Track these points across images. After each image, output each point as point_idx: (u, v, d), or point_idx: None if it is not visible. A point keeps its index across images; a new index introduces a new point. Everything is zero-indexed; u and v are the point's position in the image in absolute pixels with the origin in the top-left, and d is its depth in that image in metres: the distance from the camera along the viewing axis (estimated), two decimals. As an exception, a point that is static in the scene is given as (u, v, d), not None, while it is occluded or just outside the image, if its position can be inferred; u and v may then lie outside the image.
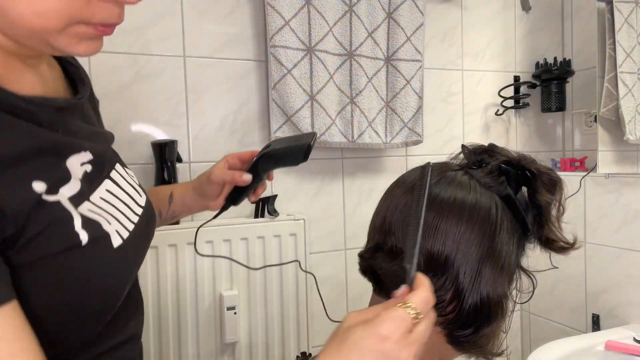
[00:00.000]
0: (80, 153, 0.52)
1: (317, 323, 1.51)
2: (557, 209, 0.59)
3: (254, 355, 1.37)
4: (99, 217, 0.52)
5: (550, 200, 0.58)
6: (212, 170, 0.83)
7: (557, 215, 0.59)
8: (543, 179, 0.58)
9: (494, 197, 0.57)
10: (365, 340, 0.42)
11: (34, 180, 0.45)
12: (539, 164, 0.60)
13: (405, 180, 0.61)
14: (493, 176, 0.59)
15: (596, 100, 1.52)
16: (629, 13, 1.47)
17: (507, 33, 1.79)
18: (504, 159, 0.60)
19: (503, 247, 0.56)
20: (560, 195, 0.59)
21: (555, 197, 0.59)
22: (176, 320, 1.28)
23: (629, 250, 1.45)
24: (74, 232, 0.48)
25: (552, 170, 0.60)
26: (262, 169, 0.81)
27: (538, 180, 0.59)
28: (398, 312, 0.43)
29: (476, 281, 0.54)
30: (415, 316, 0.44)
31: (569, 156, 1.79)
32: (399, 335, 0.42)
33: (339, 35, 1.43)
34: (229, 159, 0.84)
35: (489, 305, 0.55)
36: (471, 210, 0.55)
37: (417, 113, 1.54)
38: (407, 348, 0.42)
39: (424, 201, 0.51)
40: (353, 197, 1.57)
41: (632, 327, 1.39)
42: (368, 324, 0.43)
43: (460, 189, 0.56)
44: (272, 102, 1.37)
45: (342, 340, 0.43)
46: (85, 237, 0.48)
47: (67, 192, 0.48)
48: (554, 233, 0.59)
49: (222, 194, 0.84)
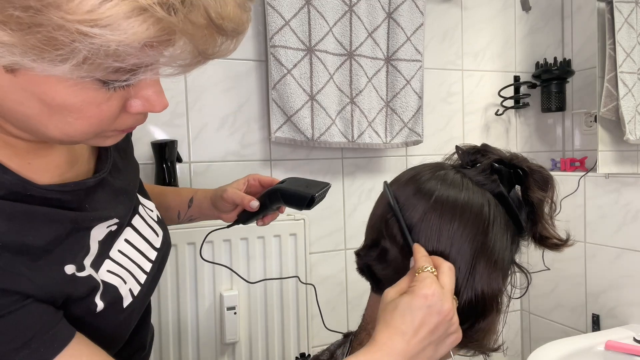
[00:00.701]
0: (107, 221, 0.57)
1: (317, 323, 1.51)
2: (549, 207, 0.61)
3: (254, 355, 1.37)
4: (117, 278, 0.57)
5: (542, 198, 0.60)
6: (228, 187, 0.83)
7: (549, 212, 0.61)
8: (535, 176, 0.60)
9: (486, 195, 0.58)
10: (413, 302, 0.50)
11: (66, 265, 0.50)
12: (530, 162, 0.61)
13: (399, 179, 0.63)
14: (486, 174, 0.60)
15: (596, 100, 1.52)
16: (629, 13, 1.47)
17: (507, 33, 1.79)
18: (496, 158, 0.61)
19: (496, 243, 0.57)
20: (552, 193, 0.61)
21: (547, 195, 0.60)
22: (176, 320, 1.28)
23: (629, 250, 1.45)
24: (92, 302, 0.53)
25: (544, 168, 0.61)
26: (271, 202, 0.81)
27: (530, 178, 0.60)
28: (422, 274, 0.52)
29: (471, 276, 0.55)
30: (434, 271, 0.52)
31: (569, 156, 1.79)
32: (436, 289, 0.51)
33: (339, 35, 1.43)
34: (250, 179, 0.84)
35: (484, 300, 0.56)
36: (464, 207, 0.56)
37: (417, 113, 1.54)
38: (446, 299, 0.51)
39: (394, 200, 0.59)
40: (353, 197, 1.57)
41: (632, 327, 1.39)
42: (409, 292, 0.52)
43: (453, 187, 0.58)
44: (272, 102, 1.37)
45: (392, 310, 0.52)
46: (101, 306, 0.54)
47: (88, 261, 0.53)
48: (547, 230, 0.61)
49: (235, 211, 0.85)
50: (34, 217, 0.48)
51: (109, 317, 0.56)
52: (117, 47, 0.34)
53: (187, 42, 0.38)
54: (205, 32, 0.38)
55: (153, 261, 0.65)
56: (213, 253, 1.31)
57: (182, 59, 0.39)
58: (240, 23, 0.41)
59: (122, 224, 0.60)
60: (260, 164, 1.45)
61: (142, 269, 0.62)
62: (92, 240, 0.55)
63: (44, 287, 0.47)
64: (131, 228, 0.63)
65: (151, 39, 0.35)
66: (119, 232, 0.59)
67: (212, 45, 0.40)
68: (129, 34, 0.34)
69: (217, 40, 0.40)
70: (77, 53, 0.34)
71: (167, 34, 0.36)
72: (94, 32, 0.33)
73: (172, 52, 0.38)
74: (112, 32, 0.33)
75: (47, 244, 0.48)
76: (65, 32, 0.33)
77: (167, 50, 0.38)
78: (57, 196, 0.50)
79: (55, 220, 0.50)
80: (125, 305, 0.58)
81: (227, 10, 0.39)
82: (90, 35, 0.33)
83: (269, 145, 1.45)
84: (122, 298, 0.57)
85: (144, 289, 0.62)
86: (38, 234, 0.47)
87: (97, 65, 0.36)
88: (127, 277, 0.59)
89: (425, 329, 0.50)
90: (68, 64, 0.35)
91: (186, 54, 0.39)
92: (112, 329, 0.57)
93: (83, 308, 0.52)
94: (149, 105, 0.45)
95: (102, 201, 0.57)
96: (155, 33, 0.35)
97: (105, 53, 0.35)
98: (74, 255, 0.51)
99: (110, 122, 0.44)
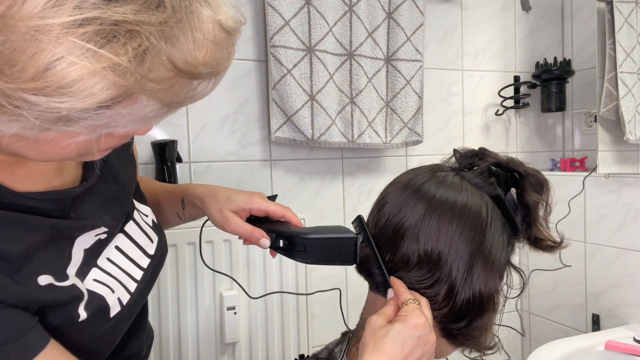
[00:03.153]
0: (93, 230, 0.55)
1: (317, 323, 1.51)
2: (544, 209, 0.62)
3: (254, 355, 1.37)
4: (104, 287, 0.55)
5: (537, 200, 0.61)
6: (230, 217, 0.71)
7: (544, 215, 0.63)
8: (530, 180, 0.62)
9: (484, 197, 0.60)
10: (404, 331, 0.52)
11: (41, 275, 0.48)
12: (526, 166, 0.63)
13: (398, 181, 0.64)
14: (483, 177, 0.62)
15: (596, 100, 1.52)
16: (629, 13, 1.47)
17: (507, 33, 1.79)
18: (493, 161, 0.63)
19: (494, 244, 0.58)
20: (547, 196, 0.62)
21: (543, 197, 0.62)
22: (176, 320, 1.28)
23: (629, 250, 1.45)
24: (75, 311, 0.51)
25: (539, 172, 0.63)
26: (287, 251, 0.70)
27: (526, 181, 0.62)
28: (411, 306, 0.54)
29: (468, 277, 0.57)
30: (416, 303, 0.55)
31: (569, 156, 1.79)
32: (424, 321, 0.53)
33: (339, 35, 1.43)
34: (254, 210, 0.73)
35: (481, 299, 0.57)
36: (463, 209, 0.58)
37: (417, 113, 1.54)
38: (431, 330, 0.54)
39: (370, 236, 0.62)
40: (353, 197, 1.57)
41: (632, 327, 1.39)
42: (401, 320, 0.53)
43: (452, 189, 0.59)
44: (272, 102, 1.37)
45: (383, 336, 0.53)
46: (84, 316, 0.52)
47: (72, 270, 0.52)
48: (541, 232, 0.62)
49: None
50: (10, 223, 0.47)
51: (93, 326, 0.54)
52: (67, 112, 0.32)
53: (149, 98, 0.35)
54: (173, 83, 0.35)
55: (145, 269, 0.63)
56: (213, 253, 1.31)
57: (146, 113, 0.36)
58: (218, 64, 0.38)
59: (111, 233, 0.58)
60: (260, 164, 1.45)
61: (133, 277, 0.61)
62: (77, 249, 0.53)
63: (17, 294, 0.46)
64: (123, 235, 0.61)
65: (105, 102, 0.33)
66: (108, 240, 0.58)
67: (183, 92, 0.37)
68: (79, 100, 0.32)
69: (192, 84, 0.37)
70: (25, 118, 0.32)
71: (124, 95, 0.33)
72: (38, 100, 0.31)
73: (133, 108, 0.35)
74: (59, 98, 0.31)
75: (24, 251, 0.47)
76: (8, 98, 0.31)
77: (126, 108, 0.35)
78: (38, 204, 0.49)
79: (34, 228, 0.48)
80: (112, 314, 0.56)
81: (201, 54, 0.35)
82: (35, 102, 0.31)
83: (269, 145, 1.45)
84: (109, 307, 0.56)
85: (134, 297, 0.60)
86: (15, 241, 0.46)
87: (47, 128, 0.34)
88: (116, 286, 0.57)
89: (413, 357, 0.52)
90: (17, 125, 0.33)
91: (151, 107, 0.36)
92: (97, 338, 0.56)
93: (63, 317, 0.51)
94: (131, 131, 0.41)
95: (90, 209, 0.55)
96: (108, 96, 0.32)
97: (55, 118, 0.33)
98: (52, 264, 0.50)
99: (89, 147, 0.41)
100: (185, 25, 0.34)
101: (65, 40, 0.30)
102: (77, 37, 0.30)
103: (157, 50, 0.33)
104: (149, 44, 0.32)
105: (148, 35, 0.32)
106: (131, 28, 0.31)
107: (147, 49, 0.32)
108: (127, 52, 0.31)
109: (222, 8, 0.37)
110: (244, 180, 1.42)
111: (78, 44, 0.30)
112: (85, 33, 0.30)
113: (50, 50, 0.30)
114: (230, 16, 0.38)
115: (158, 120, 0.39)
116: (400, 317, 0.54)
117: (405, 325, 0.52)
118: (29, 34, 0.29)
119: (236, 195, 0.73)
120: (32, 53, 0.30)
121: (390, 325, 0.53)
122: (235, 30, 0.38)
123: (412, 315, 0.53)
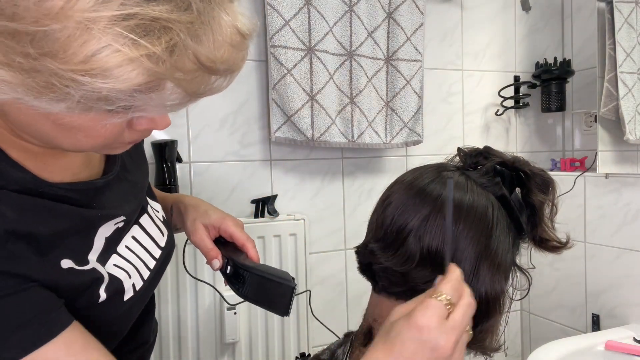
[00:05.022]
0: (114, 219, 0.59)
1: (317, 323, 1.51)
2: (550, 209, 0.62)
3: (254, 355, 1.37)
4: (122, 272, 0.60)
5: (543, 200, 0.60)
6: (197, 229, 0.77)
7: (550, 215, 0.62)
8: (536, 179, 0.61)
9: (490, 197, 0.59)
10: (405, 332, 0.45)
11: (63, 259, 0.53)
12: (532, 165, 0.62)
13: (404, 179, 0.63)
14: (488, 177, 0.61)
15: (596, 100, 1.52)
16: (629, 13, 1.47)
17: (507, 33, 1.79)
18: (498, 161, 0.62)
19: (499, 245, 0.57)
20: (553, 196, 0.61)
21: (548, 197, 0.61)
22: (176, 319, 1.28)
23: (629, 250, 1.45)
24: (97, 292, 0.56)
25: (545, 172, 0.62)
26: (231, 276, 0.71)
27: (531, 181, 0.61)
28: (431, 302, 0.46)
29: (475, 278, 0.56)
30: (448, 303, 0.46)
31: (569, 156, 1.79)
32: (434, 323, 0.45)
33: (339, 35, 1.43)
34: (222, 231, 0.77)
35: (487, 301, 0.56)
36: (469, 209, 0.57)
37: (417, 113, 1.54)
38: (445, 335, 0.45)
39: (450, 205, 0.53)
40: (353, 197, 1.57)
41: (632, 327, 1.39)
42: (406, 317, 0.46)
43: (458, 189, 0.58)
44: (272, 102, 1.37)
45: (386, 333, 0.47)
46: (104, 297, 0.57)
47: (94, 256, 0.56)
48: (547, 233, 0.61)
49: None
50: (43, 210, 0.51)
51: (111, 309, 0.58)
52: (108, 93, 0.37)
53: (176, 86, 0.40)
54: (195, 75, 0.40)
55: (157, 259, 0.67)
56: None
57: (171, 100, 0.42)
58: (234, 63, 0.43)
59: (129, 222, 0.63)
60: (260, 164, 1.45)
61: (147, 265, 0.65)
62: (99, 237, 0.58)
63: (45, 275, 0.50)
64: (138, 226, 0.66)
65: (140, 86, 0.38)
66: (125, 229, 0.62)
67: (203, 85, 0.42)
68: (118, 82, 0.37)
69: (210, 79, 0.43)
70: (72, 96, 0.37)
71: (155, 81, 0.38)
72: (85, 80, 0.36)
73: (162, 94, 0.40)
74: (102, 80, 0.36)
75: (53, 235, 0.51)
76: (59, 78, 0.36)
77: (155, 93, 0.40)
78: (67, 194, 0.53)
79: (63, 215, 0.53)
80: (125, 298, 0.60)
81: (220, 52, 0.41)
82: (82, 82, 0.36)
83: (269, 145, 1.45)
84: (125, 291, 0.60)
85: (145, 284, 0.64)
86: (46, 226, 0.51)
87: (89, 107, 0.39)
88: (132, 272, 0.62)
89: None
90: (63, 104, 0.38)
91: (176, 95, 0.41)
92: (111, 322, 0.60)
93: (87, 297, 0.55)
94: (153, 124, 0.48)
95: (110, 200, 0.60)
96: (143, 80, 0.37)
97: (97, 97, 0.37)
98: (76, 250, 0.54)
99: (116, 138, 0.47)
100: (208, 27, 0.39)
101: (112, 30, 0.35)
102: (122, 28, 0.35)
103: (184, 45, 0.38)
104: (179, 39, 0.37)
105: (178, 32, 0.37)
106: (165, 24, 0.37)
107: (176, 43, 0.37)
108: (161, 43, 0.37)
109: (239, 16, 0.43)
110: (244, 180, 1.42)
111: (122, 34, 0.35)
112: (128, 26, 0.35)
113: (99, 38, 0.35)
114: (245, 23, 0.43)
115: (179, 107, 0.44)
116: (410, 312, 0.46)
117: (407, 324, 0.45)
118: (82, 24, 0.34)
119: (213, 211, 0.79)
120: (83, 40, 0.35)
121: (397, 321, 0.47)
122: (249, 35, 0.44)
123: (421, 313, 0.45)
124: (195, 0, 0.38)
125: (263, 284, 0.65)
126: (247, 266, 0.68)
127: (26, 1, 0.34)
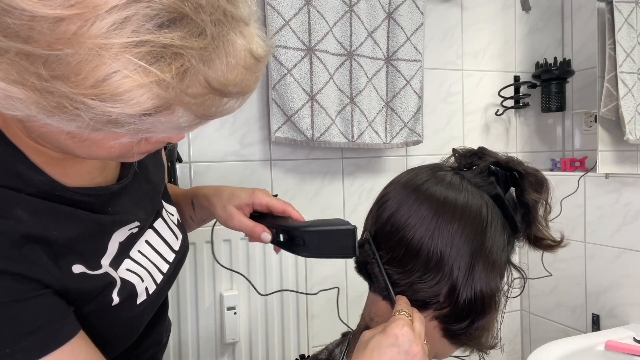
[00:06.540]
0: (128, 225, 0.60)
1: (317, 323, 1.51)
2: (544, 208, 0.62)
3: (254, 355, 1.37)
4: (135, 276, 0.61)
5: (537, 199, 0.61)
6: (233, 212, 0.75)
7: (544, 214, 0.62)
8: (530, 179, 0.61)
9: (484, 197, 0.60)
10: (383, 341, 0.52)
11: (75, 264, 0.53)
12: (526, 165, 0.63)
13: (399, 180, 0.64)
14: (483, 176, 0.62)
15: (596, 100, 1.52)
16: (629, 13, 1.47)
17: (507, 33, 1.79)
18: (492, 160, 0.63)
19: (494, 243, 0.58)
20: (546, 195, 0.62)
21: (542, 197, 0.62)
22: (176, 319, 1.28)
23: (629, 250, 1.45)
24: (109, 296, 0.57)
25: (539, 171, 0.63)
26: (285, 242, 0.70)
27: (525, 181, 0.61)
28: (398, 316, 0.54)
29: (470, 276, 0.57)
30: (409, 315, 0.54)
31: (569, 156, 1.79)
32: (407, 329, 0.53)
33: (339, 35, 1.43)
34: (256, 205, 0.75)
35: (483, 299, 0.57)
36: (463, 208, 0.58)
37: (417, 113, 1.54)
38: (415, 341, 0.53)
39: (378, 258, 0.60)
40: (353, 197, 1.57)
41: (632, 327, 1.39)
42: (382, 331, 0.53)
43: (452, 188, 0.59)
44: (272, 102, 1.37)
45: (363, 349, 0.53)
46: (117, 300, 0.57)
47: (107, 261, 0.57)
48: (541, 231, 0.62)
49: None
50: (59, 214, 0.52)
51: (123, 312, 0.59)
52: (117, 116, 0.38)
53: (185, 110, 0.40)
54: (206, 98, 0.41)
55: (170, 263, 0.68)
56: (213, 254, 1.31)
57: (182, 123, 0.42)
58: (247, 85, 0.43)
59: (143, 227, 0.63)
60: (260, 164, 1.45)
61: (160, 269, 0.66)
62: (113, 242, 0.58)
63: (59, 281, 0.50)
64: (152, 230, 0.66)
65: (149, 110, 0.38)
66: (139, 234, 0.63)
67: (214, 107, 0.42)
68: (127, 107, 0.37)
69: (222, 100, 0.42)
70: (82, 118, 0.38)
71: (165, 105, 0.39)
72: (95, 104, 0.37)
73: (171, 117, 0.40)
74: (112, 104, 0.37)
75: (68, 240, 0.52)
76: (70, 100, 0.36)
77: (165, 116, 0.40)
78: (83, 198, 0.54)
79: (79, 220, 0.53)
80: (138, 302, 0.61)
81: (233, 75, 0.41)
82: (92, 106, 0.37)
83: (269, 145, 1.45)
84: (137, 295, 0.60)
85: (158, 288, 0.65)
86: (61, 230, 0.51)
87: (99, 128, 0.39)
88: (145, 276, 0.62)
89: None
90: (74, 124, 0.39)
91: (185, 118, 0.41)
92: (123, 324, 0.60)
93: (99, 301, 0.55)
94: (167, 137, 0.48)
95: (125, 205, 0.60)
96: (152, 105, 0.38)
97: (107, 120, 0.38)
98: (89, 254, 0.55)
99: (130, 149, 0.47)
100: (221, 51, 0.39)
101: (122, 57, 0.35)
102: (132, 55, 0.36)
103: (196, 70, 0.38)
104: (190, 65, 0.38)
105: (189, 58, 0.38)
106: (176, 51, 0.37)
107: (187, 69, 0.38)
108: (171, 70, 0.37)
109: (255, 38, 0.43)
110: (244, 180, 1.42)
111: (132, 61, 0.36)
112: (139, 52, 0.36)
113: (109, 64, 0.35)
114: (260, 45, 0.43)
115: (190, 130, 0.44)
116: (384, 327, 0.54)
117: (384, 335, 0.53)
118: (94, 49, 0.35)
119: (239, 191, 0.76)
120: (94, 65, 0.35)
121: (372, 338, 0.54)
122: (264, 57, 0.44)
123: (394, 325, 0.53)
124: (210, 26, 0.38)
125: (324, 238, 0.66)
126: (301, 227, 0.68)
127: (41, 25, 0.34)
